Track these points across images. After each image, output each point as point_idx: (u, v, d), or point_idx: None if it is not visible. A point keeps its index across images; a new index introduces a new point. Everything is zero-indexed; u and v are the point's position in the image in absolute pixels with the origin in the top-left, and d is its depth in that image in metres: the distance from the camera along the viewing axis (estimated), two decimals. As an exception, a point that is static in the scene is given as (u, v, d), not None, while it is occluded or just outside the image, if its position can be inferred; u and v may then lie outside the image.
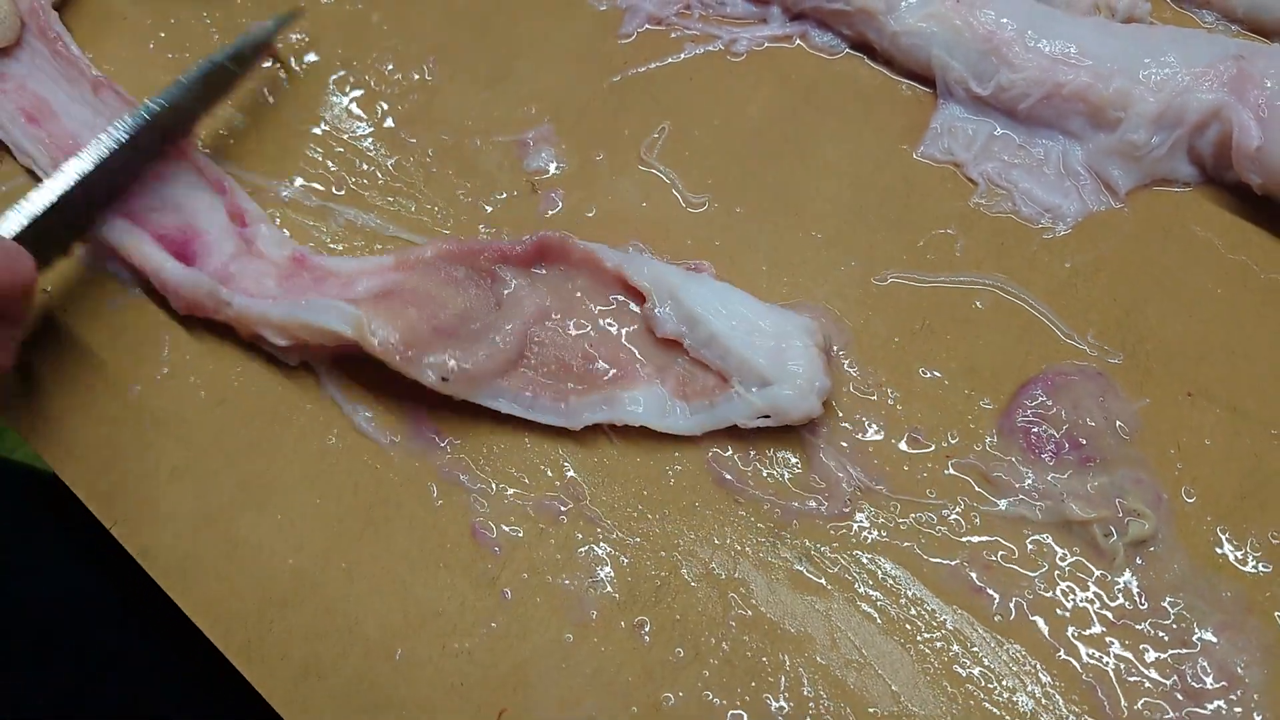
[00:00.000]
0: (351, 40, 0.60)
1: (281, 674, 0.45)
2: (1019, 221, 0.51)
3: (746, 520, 0.46)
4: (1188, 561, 0.43)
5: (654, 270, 0.48)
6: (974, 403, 0.47)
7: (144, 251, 0.51)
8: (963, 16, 0.51)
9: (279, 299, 0.49)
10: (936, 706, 0.42)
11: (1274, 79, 0.46)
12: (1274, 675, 0.41)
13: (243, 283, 0.51)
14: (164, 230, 0.53)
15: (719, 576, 0.45)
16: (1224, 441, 0.45)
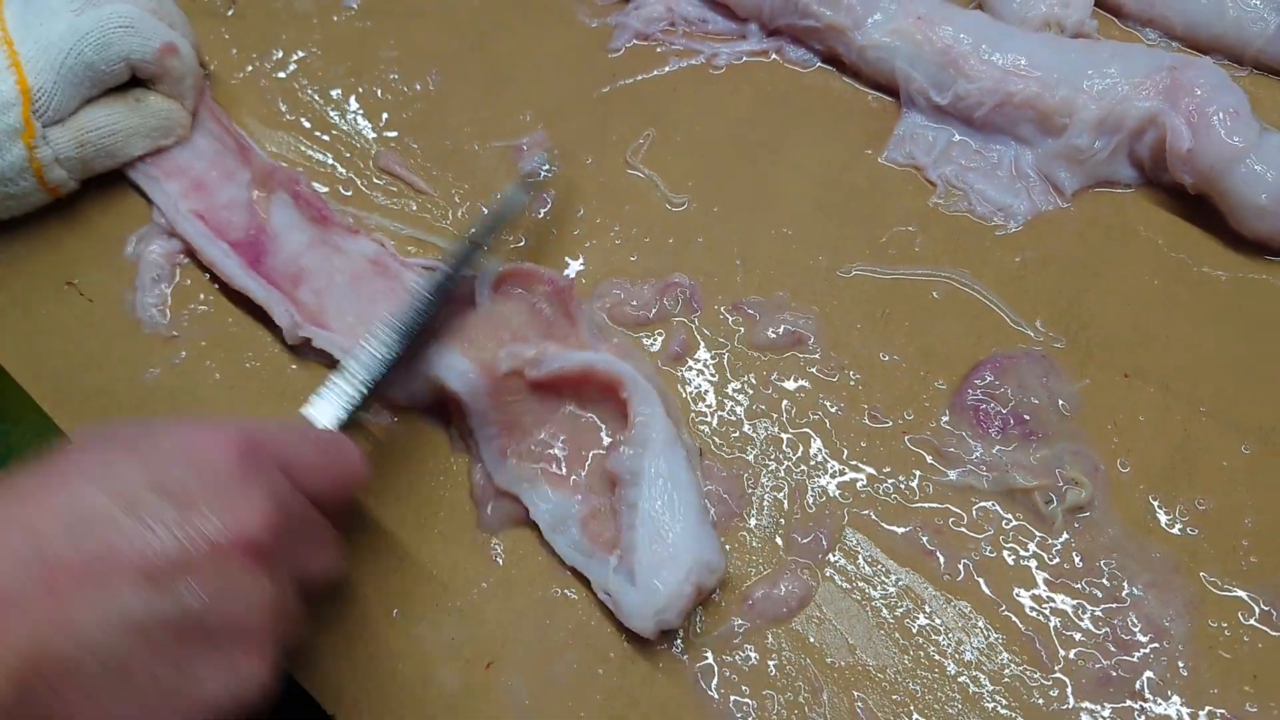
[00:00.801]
0: (360, 54, 0.65)
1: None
2: (974, 220, 0.55)
3: (718, 489, 0.49)
4: (1121, 526, 0.47)
5: (652, 413, 0.48)
6: (929, 383, 0.51)
7: (224, 266, 0.55)
8: (923, 32, 0.56)
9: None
10: (889, 657, 0.45)
11: (1203, 87, 0.50)
12: (1197, 628, 0.45)
13: (315, 280, 0.54)
14: (235, 234, 0.56)
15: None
16: (1156, 418, 0.49)
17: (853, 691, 0.44)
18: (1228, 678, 0.44)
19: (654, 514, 0.45)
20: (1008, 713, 0.44)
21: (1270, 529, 0.47)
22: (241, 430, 0.37)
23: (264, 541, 0.35)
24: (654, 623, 0.44)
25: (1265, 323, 0.52)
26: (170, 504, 0.34)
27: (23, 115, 0.53)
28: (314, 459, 0.40)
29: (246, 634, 0.35)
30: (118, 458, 0.35)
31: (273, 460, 0.38)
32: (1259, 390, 0.50)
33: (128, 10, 0.56)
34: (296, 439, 0.40)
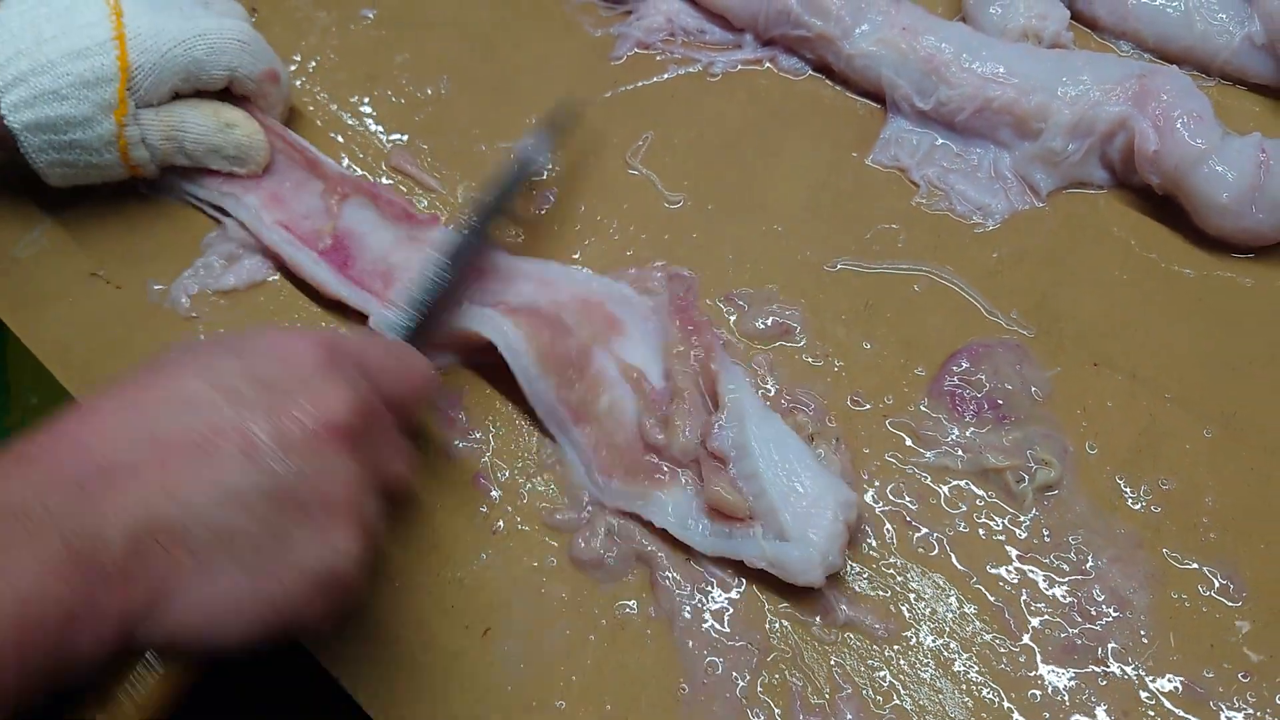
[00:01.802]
0: (375, 61, 0.68)
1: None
2: (954, 218, 0.58)
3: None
4: (1088, 504, 0.49)
5: (740, 390, 0.50)
6: (908, 370, 0.54)
7: (315, 274, 0.57)
8: (908, 41, 0.59)
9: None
10: (875, 606, 0.48)
11: (1169, 93, 0.53)
12: (1158, 600, 0.47)
13: (405, 275, 0.56)
14: (320, 242, 0.58)
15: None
16: (1123, 403, 0.52)
17: (830, 657, 0.47)
18: (1186, 646, 0.46)
19: (779, 475, 0.47)
20: (978, 677, 0.46)
21: (1229, 508, 0.49)
22: (321, 334, 0.41)
23: (348, 426, 0.38)
24: (822, 570, 0.46)
25: (1228, 316, 0.54)
26: (265, 392, 0.37)
27: (119, 91, 0.54)
28: (387, 363, 0.43)
29: (336, 509, 0.37)
30: (216, 356, 0.39)
31: (349, 358, 0.41)
32: (1221, 379, 0.53)
33: (247, 29, 0.58)
34: (370, 343, 0.44)
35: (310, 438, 0.37)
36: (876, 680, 0.46)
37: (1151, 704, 0.45)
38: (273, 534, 0.36)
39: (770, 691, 0.46)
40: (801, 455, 0.48)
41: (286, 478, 0.36)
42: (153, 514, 0.35)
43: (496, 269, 0.55)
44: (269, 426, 0.37)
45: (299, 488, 0.37)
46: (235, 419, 0.36)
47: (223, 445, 0.36)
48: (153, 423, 0.36)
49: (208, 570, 0.35)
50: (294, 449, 0.37)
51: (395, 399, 0.43)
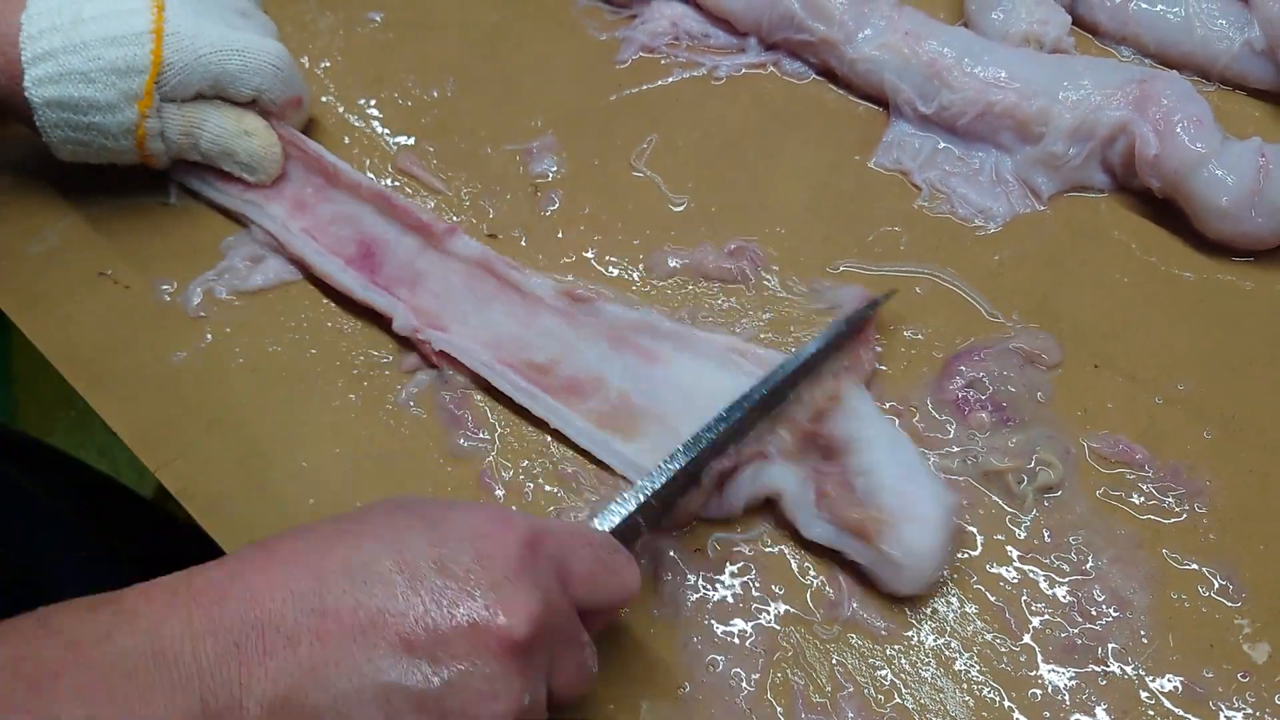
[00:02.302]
0: (383, 64, 0.69)
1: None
2: (956, 221, 0.59)
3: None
4: (1088, 504, 0.50)
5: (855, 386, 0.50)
6: (912, 370, 0.54)
7: (343, 280, 0.57)
8: (910, 46, 0.59)
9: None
10: (877, 606, 0.48)
11: (1169, 98, 0.54)
12: (1158, 599, 0.48)
13: (431, 282, 0.57)
14: (346, 249, 0.59)
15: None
16: (1123, 405, 0.52)
17: (832, 656, 0.47)
18: (1186, 646, 0.46)
19: (893, 474, 0.47)
20: (979, 677, 0.46)
21: (1228, 509, 0.50)
22: (529, 524, 0.38)
23: (524, 639, 0.35)
24: (931, 575, 0.47)
25: (1227, 319, 0.55)
26: (447, 582, 0.35)
27: (146, 85, 0.54)
28: (591, 568, 0.39)
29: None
30: (408, 526, 0.36)
31: (550, 560, 0.38)
32: (1220, 381, 0.53)
33: (284, 54, 0.59)
34: (579, 544, 0.39)
35: (479, 644, 0.34)
36: (878, 679, 0.47)
37: (1151, 703, 0.45)
38: None
39: (772, 690, 0.47)
40: (913, 458, 0.49)
41: (439, 687, 0.34)
42: (295, 692, 0.33)
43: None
44: (439, 621, 0.34)
45: (449, 699, 0.34)
46: (406, 604, 0.34)
47: (386, 631, 0.34)
48: (326, 590, 0.34)
49: None
50: (456, 655, 0.34)
51: (590, 607, 0.39)
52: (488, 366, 0.54)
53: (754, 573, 0.49)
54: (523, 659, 0.35)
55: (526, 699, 0.35)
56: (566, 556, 0.38)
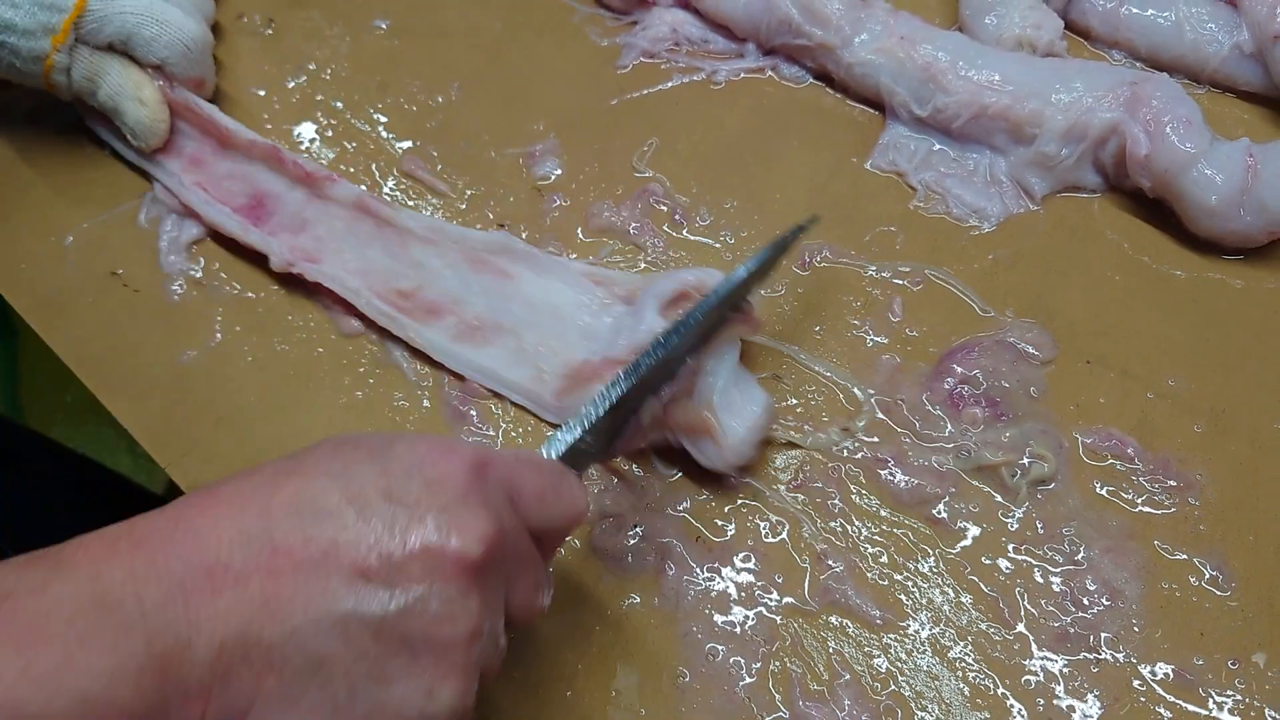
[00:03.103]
0: (388, 69, 0.70)
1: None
2: (951, 221, 0.60)
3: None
4: (1081, 497, 0.51)
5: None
6: (907, 367, 0.55)
7: (228, 225, 0.61)
8: (905, 50, 0.61)
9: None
10: (873, 595, 0.49)
11: (1159, 99, 0.55)
12: (1149, 589, 0.48)
13: (316, 228, 0.61)
14: (236, 201, 0.63)
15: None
16: (1115, 400, 0.53)
17: (829, 645, 0.48)
18: (1177, 634, 0.47)
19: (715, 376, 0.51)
20: (973, 664, 0.47)
21: (1218, 501, 0.51)
22: (475, 451, 0.37)
23: (479, 561, 0.35)
24: (736, 456, 0.51)
25: (1218, 316, 0.56)
26: (397, 509, 0.34)
27: (65, 23, 0.59)
28: (540, 489, 0.39)
29: (446, 651, 0.34)
30: (356, 459, 0.36)
31: (499, 483, 0.38)
32: (1211, 376, 0.54)
33: (201, 35, 0.63)
34: (524, 467, 0.39)
35: (434, 567, 0.34)
36: (874, 667, 0.48)
37: (1143, 690, 0.46)
38: (369, 671, 0.33)
39: (770, 678, 0.47)
40: (734, 365, 0.52)
41: (396, 607, 0.33)
42: (249, 629, 0.32)
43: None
44: (391, 547, 0.34)
45: (408, 624, 0.34)
46: (358, 534, 0.34)
47: (338, 561, 0.33)
48: (274, 526, 0.34)
49: (294, 700, 0.33)
50: (412, 579, 0.34)
51: (543, 530, 0.40)
52: (355, 293, 0.59)
53: (754, 562, 0.50)
54: (479, 580, 0.35)
55: (485, 619, 0.35)
56: (515, 480, 0.38)
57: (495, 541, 0.36)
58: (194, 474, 0.56)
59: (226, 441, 0.56)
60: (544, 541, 0.40)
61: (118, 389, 0.59)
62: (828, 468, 0.53)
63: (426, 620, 0.34)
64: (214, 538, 0.33)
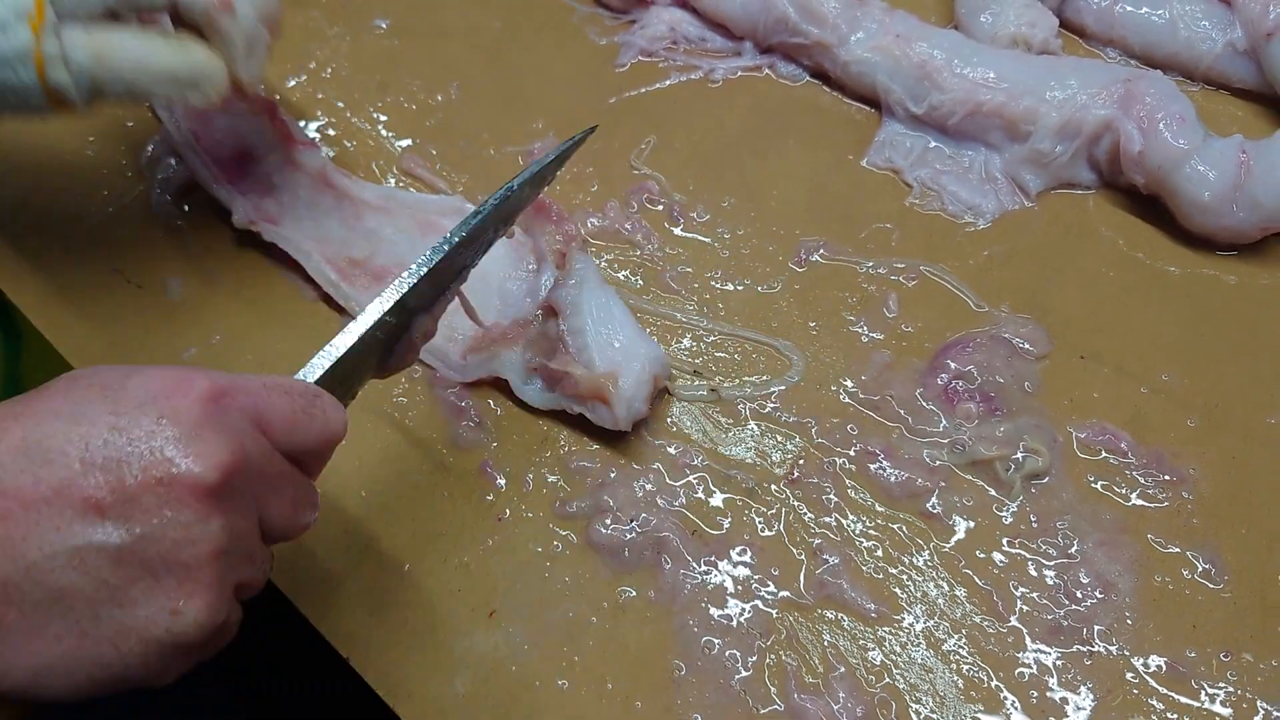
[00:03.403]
0: (388, 68, 0.70)
1: (305, 580, 0.53)
2: (946, 218, 0.60)
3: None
4: (1074, 491, 0.51)
5: (586, 265, 0.55)
6: (902, 363, 0.55)
7: (201, 174, 0.62)
8: (901, 48, 0.61)
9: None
10: (868, 589, 0.50)
11: (1153, 96, 0.55)
12: (1142, 582, 0.49)
13: (282, 194, 0.62)
14: (223, 153, 0.63)
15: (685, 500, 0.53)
16: (1109, 395, 0.54)
17: (824, 638, 0.48)
18: (1169, 627, 0.48)
19: (600, 331, 0.53)
20: (967, 657, 0.48)
21: (1211, 494, 0.51)
22: (212, 380, 0.38)
23: (216, 485, 0.35)
24: (628, 412, 0.52)
25: (1211, 311, 0.56)
26: (128, 443, 0.35)
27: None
28: (288, 413, 0.40)
29: (189, 572, 0.35)
30: (87, 398, 0.36)
31: (242, 410, 0.38)
32: (1204, 371, 0.54)
33: None
34: (271, 393, 0.40)
35: (167, 495, 0.35)
36: (869, 660, 0.48)
37: (1135, 682, 0.47)
38: (111, 597, 0.34)
39: (766, 671, 0.48)
40: (625, 319, 0.54)
41: (131, 539, 0.34)
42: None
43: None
44: (122, 484, 0.35)
45: (146, 550, 0.35)
46: (87, 470, 0.34)
47: (69, 499, 0.34)
48: (2, 472, 0.34)
49: (38, 630, 0.34)
50: (146, 509, 0.35)
51: (299, 452, 0.40)
52: (306, 255, 0.60)
53: (750, 556, 0.51)
54: (218, 503, 0.36)
55: (229, 540, 0.36)
56: (260, 406, 0.39)
57: (233, 467, 0.36)
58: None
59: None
60: (305, 463, 0.41)
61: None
62: (823, 462, 0.53)
63: (165, 545, 0.35)
64: None
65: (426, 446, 0.55)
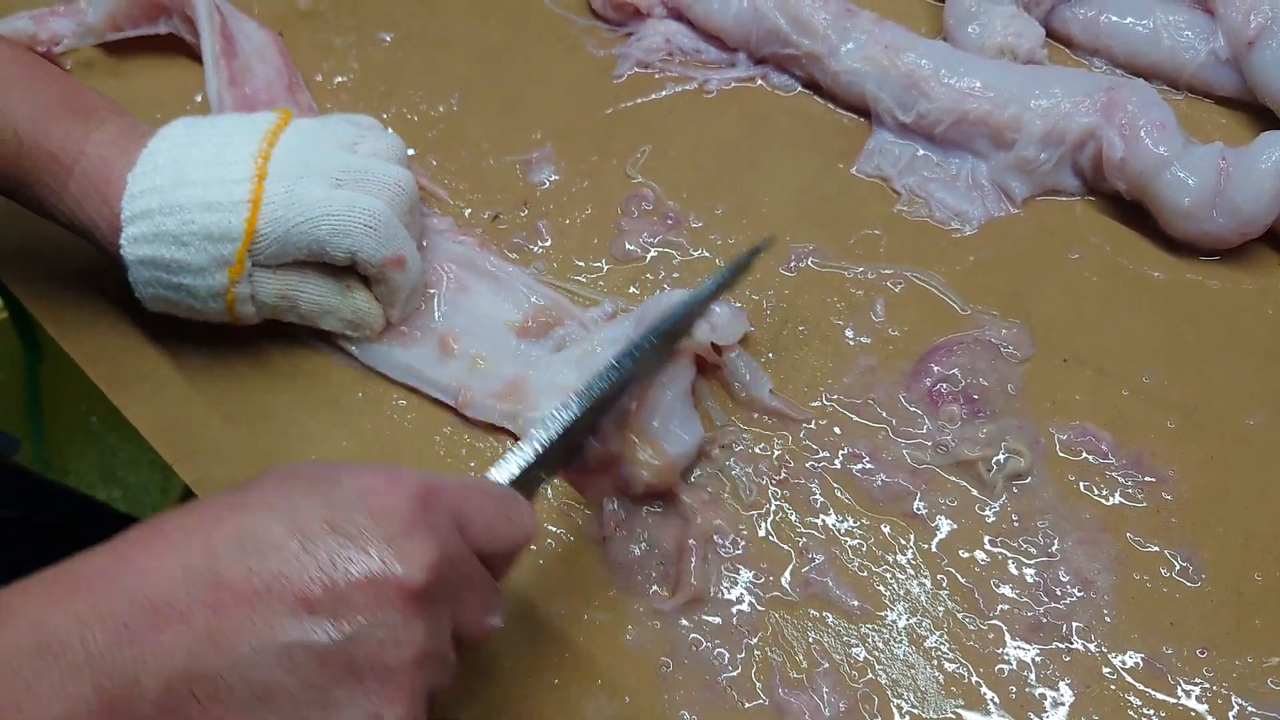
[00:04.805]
0: (392, 80, 0.72)
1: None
2: (933, 224, 0.61)
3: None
4: (1056, 490, 0.52)
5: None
6: (888, 366, 0.57)
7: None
8: (890, 58, 0.62)
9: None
10: (853, 586, 0.51)
11: (1134, 104, 0.56)
12: (1121, 580, 0.50)
13: None
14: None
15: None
16: (1091, 397, 0.55)
17: (809, 634, 0.49)
18: (1147, 624, 0.49)
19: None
20: (949, 653, 0.49)
21: (1189, 494, 0.52)
22: (421, 479, 0.38)
23: (423, 588, 0.36)
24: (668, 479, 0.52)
25: (1193, 315, 0.57)
26: (340, 541, 0.35)
27: (238, 253, 0.53)
28: (488, 515, 0.40)
29: (392, 675, 0.35)
30: (300, 492, 0.36)
31: (446, 511, 0.38)
32: (1184, 374, 0.55)
33: (379, 210, 0.54)
34: (472, 494, 0.40)
35: (377, 596, 0.35)
36: (852, 656, 0.49)
37: (1113, 678, 0.47)
38: (317, 698, 0.34)
39: (751, 667, 0.49)
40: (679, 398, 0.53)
41: (340, 639, 0.34)
42: (194, 663, 0.33)
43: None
44: (335, 579, 0.34)
45: (353, 651, 0.34)
46: (301, 567, 0.34)
47: (283, 595, 0.34)
48: (217, 561, 0.34)
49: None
50: (356, 609, 0.34)
51: (492, 553, 0.41)
52: None
53: (739, 554, 0.52)
54: (423, 605, 0.36)
55: (430, 643, 0.36)
56: (462, 507, 0.39)
57: (439, 569, 0.36)
58: (201, 471, 0.58)
59: (234, 440, 0.58)
60: (494, 564, 0.41)
61: (128, 388, 0.60)
62: (808, 463, 0.54)
63: (371, 647, 0.35)
64: (157, 574, 0.34)
65: (426, 449, 0.57)
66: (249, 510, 0.36)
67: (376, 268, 0.55)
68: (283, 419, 0.59)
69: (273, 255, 0.54)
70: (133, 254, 0.53)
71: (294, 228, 0.53)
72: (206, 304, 0.55)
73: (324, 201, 0.53)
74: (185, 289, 0.54)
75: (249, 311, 0.56)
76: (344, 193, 0.54)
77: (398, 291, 0.57)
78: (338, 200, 0.53)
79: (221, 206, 0.52)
